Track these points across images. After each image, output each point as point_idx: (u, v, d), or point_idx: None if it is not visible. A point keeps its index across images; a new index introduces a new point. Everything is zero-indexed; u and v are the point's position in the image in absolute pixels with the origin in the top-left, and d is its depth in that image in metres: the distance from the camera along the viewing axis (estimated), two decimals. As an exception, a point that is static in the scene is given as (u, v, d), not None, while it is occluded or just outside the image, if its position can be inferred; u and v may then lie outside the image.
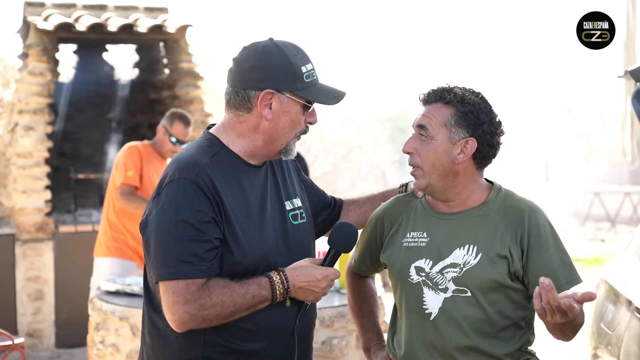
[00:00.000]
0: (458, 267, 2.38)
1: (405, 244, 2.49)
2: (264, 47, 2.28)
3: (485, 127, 2.41)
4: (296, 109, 2.29)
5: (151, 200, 2.26)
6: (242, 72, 2.28)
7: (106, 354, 4.58)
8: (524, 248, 2.37)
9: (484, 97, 2.46)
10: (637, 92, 3.98)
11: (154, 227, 2.19)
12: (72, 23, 7.09)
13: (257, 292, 2.21)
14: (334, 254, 2.36)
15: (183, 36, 7.59)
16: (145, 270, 2.35)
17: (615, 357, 3.57)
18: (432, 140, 2.41)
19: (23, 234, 6.95)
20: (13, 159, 7.12)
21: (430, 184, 2.43)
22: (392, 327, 2.58)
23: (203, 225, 2.16)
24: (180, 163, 2.24)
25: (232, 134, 2.32)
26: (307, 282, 2.27)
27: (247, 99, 2.27)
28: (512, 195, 2.48)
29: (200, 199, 2.17)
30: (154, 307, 2.30)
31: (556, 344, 6.71)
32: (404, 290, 2.48)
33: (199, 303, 2.15)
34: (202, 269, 2.16)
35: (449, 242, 2.42)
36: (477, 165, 2.45)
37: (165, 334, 2.27)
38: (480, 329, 2.36)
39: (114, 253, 5.44)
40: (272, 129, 2.29)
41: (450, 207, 2.47)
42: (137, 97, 8.35)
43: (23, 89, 7.06)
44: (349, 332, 4.34)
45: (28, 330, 6.93)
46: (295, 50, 2.30)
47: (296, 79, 2.27)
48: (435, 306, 2.40)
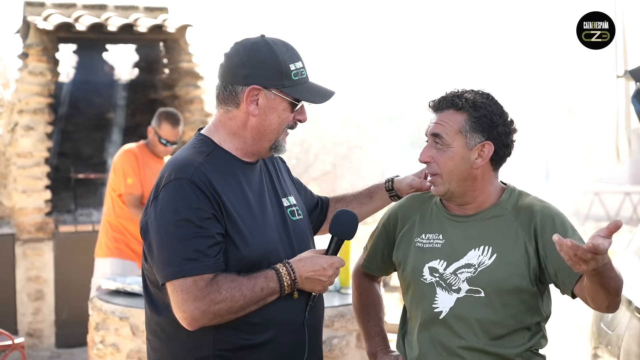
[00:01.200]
0: (472, 268, 2.37)
1: (419, 244, 2.48)
2: (254, 43, 2.29)
3: (500, 129, 2.41)
4: (283, 106, 2.29)
5: (149, 205, 2.26)
6: (230, 67, 2.30)
7: (106, 354, 4.58)
8: (538, 240, 2.36)
9: (494, 98, 2.46)
10: (637, 92, 3.98)
11: (154, 230, 2.20)
12: (72, 23, 7.09)
13: (265, 285, 2.22)
14: (336, 242, 2.36)
15: (183, 36, 7.59)
16: (143, 275, 2.36)
17: (615, 356, 3.57)
18: (448, 148, 2.41)
19: (23, 234, 6.95)
20: (13, 158, 7.12)
21: (450, 190, 2.43)
22: (402, 328, 2.58)
23: (204, 221, 2.17)
24: (175, 165, 2.25)
25: (223, 132, 2.33)
26: (314, 271, 2.27)
27: (234, 94, 2.29)
28: (525, 195, 2.48)
29: (198, 197, 2.18)
30: (158, 311, 2.30)
31: (556, 344, 6.71)
32: (416, 291, 2.47)
33: (209, 298, 2.15)
34: (208, 264, 2.16)
35: (464, 243, 2.42)
36: (493, 167, 2.45)
37: (173, 336, 2.28)
38: (490, 331, 2.36)
39: (114, 253, 5.44)
40: (260, 125, 2.30)
41: (466, 209, 2.47)
42: (137, 97, 8.35)
43: (23, 88, 7.06)
44: (349, 332, 4.34)
45: (28, 330, 6.93)
46: (285, 48, 2.30)
47: (283, 76, 2.27)
48: (447, 306, 2.39)
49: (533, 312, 2.39)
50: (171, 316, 2.24)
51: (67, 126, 7.99)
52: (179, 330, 2.24)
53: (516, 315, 2.37)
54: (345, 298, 4.49)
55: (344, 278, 4.60)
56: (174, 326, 2.25)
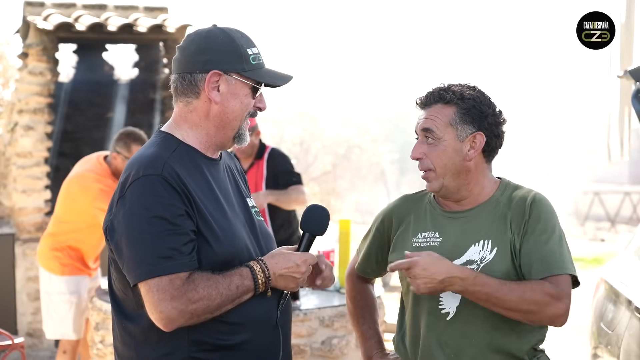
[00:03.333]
0: (475, 264, 2.36)
1: (416, 244, 2.46)
2: (209, 31, 2.27)
3: (490, 119, 2.41)
4: (245, 91, 2.26)
5: (114, 204, 2.17)
6: (187, 56, 2.25)
7: (106, 354, 4.59)
8: (521, 233, 2.36)
9: (480, 90, 2.46)
10: (637, 91, 3.97)
11: (124, 229, 2.12)
12: (72, 23, 7.09)
13: (240, 283, 2.17)
14: (308, 237, 2.32)
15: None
16: (110, 279, 2.28)
17: (615, 356, 3.57)
18: (440, 141, 2.40)
19: (23, 234, 6.95)
20: (13, 158, 7.12)
21: (444, 185, 2.42)
22: (400, 328, 2.56)
23: (177, 218, 2.11)
24: (142, 161, 2.17)
25: (184, 126, 2.28)
26: (287, 268, 2.23)
27: (194, 83, 2.24)
28: (519, 187, 2.48)
29: (169, 193, 2.11)
30: (127, 316, 2.23)
31: (556, 344, 6.71)
32: None
33: (186, 297, 2.09)
34: (184, 262, 2.10)
35: (463, 239, 2.41)
36: (486, 158, 2.45)
37: (144, 341, 2.20)
38: (497, 326, 2.34)
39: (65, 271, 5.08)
40: (222, 113, 2.25)
41: (461, 205, 2.46)
42: (137, 97, 8.36)
43: (23, 88, 7.06)
44: (348, 332, 4.34)
45: (28, 330, 6.93)
46: (240, 34, 2.28)
47: (243, 60, 2.24)
48: (453, 305, 2.38)
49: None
50: (142, 321, 2.17)
51: (67, 126, 7.99)
52: (151, 335, 2.17)
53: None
54: (344, 298, 4.49)
55: (345, 278, 4.60)
56: (145, 331, 2.17)
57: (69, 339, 5.03)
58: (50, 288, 5.01)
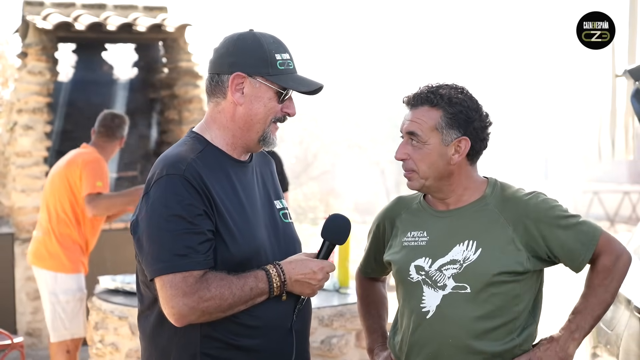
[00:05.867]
0: (458, 264, 2.37)
1: (405, 243, 2.49)
2: (241, 34, 2.32)
3: (476, 124, 2.41)
4: (269, 95, 2.29)
5: (140, 201, 2.26)
6: (217, 57, 2.32)
7: (105, 353, 4.58)
8: (535, 233, 2.36)
9: (468, 92, 2.45)
10: (636, 91, 3.97)
11: (145, 225, 2.20)
12: (71, 22, 7.09)
13: (254, 285, 2.21)
14: (328, 246, 2.35)
15: (182, 35, 7.59)
16: (137, 272, 2.36)
17: (614, 356, 3.57)
18: (424, 145, 2.40)
19: (22, 233, 6.95)
20: (12, 158, 7.12)
21: (425, 185, 2.44)
22: (393, 327, 2.58)
23: (195, 218, 2.17)
24: (167, 161, 2.24)
25: (213, 127, 2.33)
26: (304, 274, 2.27)
27: (220, 84, 2.30)
28: (509, 187, 2.48)
29: (190, 193, 2.18)
30: (147, 307, 2.32)
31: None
32: (405, 290, 2.48)
33: (197, 295, 2.15)
34: (198, 260, 2.16)
35: (448, 239, 2.41)
36: (470, 161, 2.45)
37: (160, 332, 2.28)
38: (477, 327, 2.35)
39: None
40: (246, 115, 2.29)
41: (447, 204, 2.47)
42: (136, 97, 8.35)
43: (22, 88, 7.06)
44: (348, 332, 4.35)
45: (27, 330, 6.93)
46: (272, 40, 2.32)
47: (268, 65, 2.28)
48: (433, 304, 2.39)
49: (519, 300, 2.38)
50: (158, 312, 2.25)
51: (66, 125, 7.99)
52: (166, 327, 2.24)
53: (502, 307, 2.36)
54: (344, 298, 4.49)
55: (343, 278, 4.60)
56: (161, 322, 2.25)
57: (79, 337, 5.04)
58: (57, 288, 4.96)
